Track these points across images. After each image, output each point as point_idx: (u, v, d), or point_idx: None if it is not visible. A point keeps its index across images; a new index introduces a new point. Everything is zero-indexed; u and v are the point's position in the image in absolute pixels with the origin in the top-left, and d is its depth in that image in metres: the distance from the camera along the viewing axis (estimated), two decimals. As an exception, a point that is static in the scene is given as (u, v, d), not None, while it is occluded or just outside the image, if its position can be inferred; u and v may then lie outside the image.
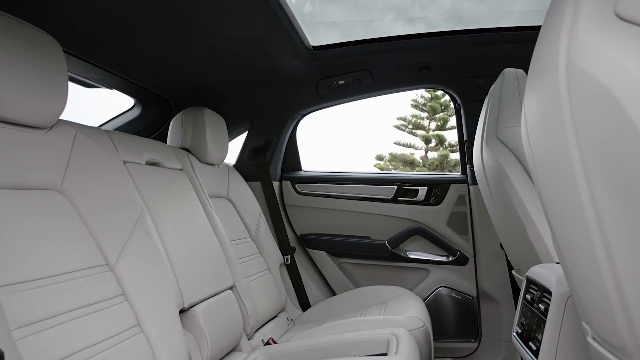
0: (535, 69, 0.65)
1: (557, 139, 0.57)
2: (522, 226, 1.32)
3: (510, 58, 1.99)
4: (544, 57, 0.60)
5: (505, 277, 2.16)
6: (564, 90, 0.53)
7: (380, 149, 28.39)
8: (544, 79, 0.59)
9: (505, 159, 1.36)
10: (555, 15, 0.57)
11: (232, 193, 2.10)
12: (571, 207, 0.58)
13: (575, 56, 0.52)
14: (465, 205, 2.24)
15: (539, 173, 0.67)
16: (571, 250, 0.64)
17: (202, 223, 1.62)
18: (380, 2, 2.06)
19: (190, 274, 1.41)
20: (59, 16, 1.40)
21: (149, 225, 1.30)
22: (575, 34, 0.52)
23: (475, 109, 2.17)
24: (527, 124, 0.69)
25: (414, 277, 2.30)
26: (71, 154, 1.18)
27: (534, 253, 1.32)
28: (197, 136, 1.90)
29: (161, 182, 1.51)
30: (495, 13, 2.03)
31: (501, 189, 1.39)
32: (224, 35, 1.66)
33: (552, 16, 0.59)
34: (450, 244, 2.25)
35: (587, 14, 0.51)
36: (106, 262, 1.15)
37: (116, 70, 1.84)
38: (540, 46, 0.62)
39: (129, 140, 1.46)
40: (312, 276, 2.39)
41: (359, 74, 2.17)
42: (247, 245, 2.01)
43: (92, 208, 1.17)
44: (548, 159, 0.62)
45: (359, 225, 2.35)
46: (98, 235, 1.15)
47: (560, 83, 0.54)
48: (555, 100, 0.56)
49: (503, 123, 1.43)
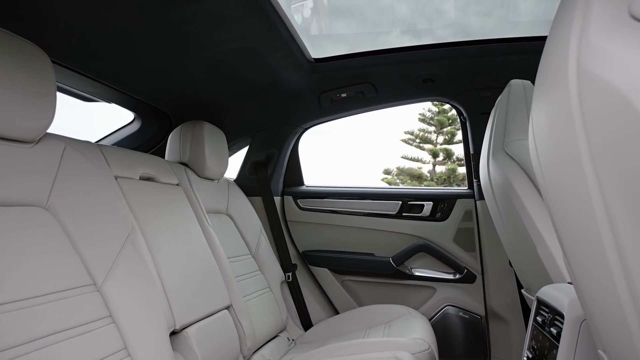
0: (542, 77, 0.60)
1: (567, 150, 0.53)
2: (531, 243, 1.27)
3: (517, 69, 1.94)
4: (552, 64, 0.56)
5: (515, 295, 2.08)
6: (575, 98, 0.49)
7: (388, 162, 28.35)
8: (553, 87, 0.55)
9: (512, 173, 1.31)
10: (564, 19, 0.53)
11: (232, 208, 2.05)
12: (584, 224, 0.54)
13: (586, 61, 0.48)
14: (472, 221, 2.17)
15: (548, 187, 0.63)
16: (584, 271, 0.59)
17: (197, 240, 1.57)
18: (386, 17, 2.04)
19: (183, 293, 1.35)
20: (53, 28, 1.37)
21: (140, 243, 1.25)
22: (586, 38, 0.48)
23: (482, 121, 2.12)
24: (535, 135, 0.65)
25: (419, 296, 2.22)
26: (59, 168, 1.14)
27: (545, 272, 1.27)
28: (195, 150, 1.86)
29: (155, 198, 1.46)
30: (501, 24, 1.99)
31: (509, 204, 1.33)
32: (223, 47, 1.63)
33: (561, 19, 0.55)
34: (457, 261, 2.18)
35: (598, 16, 0.48)
36: (93, 281, 1.09)
37: (113, 84, 1.81)
38: (548, 52, 0.58)
39: (122, 155, 1.41)
40: (315, 294, 2.32)
41: (361, 86, 2.13)
42: (246, 262, 1.95)
43: (80, 225, 1.12)
44: (558, 172, 0.58)
45: (363, 241, 2.28)
46: (85, 254, 1.10)
47: (570, 90, 0.50)
48: (565, 109, 0.51)
49: (510, 136, 1.38)
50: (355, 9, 1.99)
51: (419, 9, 1.98)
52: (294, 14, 1.83)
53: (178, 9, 1.34)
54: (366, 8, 2.00)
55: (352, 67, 2.05)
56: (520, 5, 1.93)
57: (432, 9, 1.98)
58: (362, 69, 2.06)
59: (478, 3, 1.95)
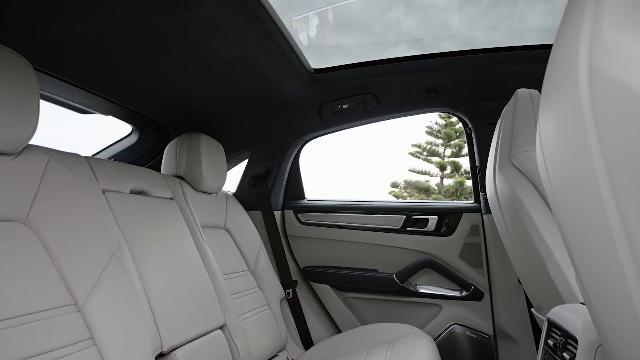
0: (550, 81, 0.55)
1: (579, 160, 0.48)
2: (540, 260, 1.20)
3: (524, 78, 1.88)
4: (560, 65, 0.51)
5: (524, 314, 1.99)
6: (587, 102, 0.45)
7: (395, 176, 28.28)
8: (562, 90, 0.51)
9: (520, 186, 1.25)
10: (573, 16, 0.49)
11: (230, 223, 1.99)
12: (598, 241, 0.49)
13: (598, 60, 0.44)
14: (479, 236, 2.09)
15: (558, 201, 0.58)
16: (599, 292, 0.54)
17: (190, 256, 1.51)
18: (393, 32, 1.99)
19: (172, 313, 1.28)
20: (44, 38, 1.33)
21: (127, 260, 1.19)
22: (599, 35, 0.44)
23: (488, 133, 2.05)
24: (542, 145, 0.60)
25: (424, 314, 2.14)
26: (41, 182, 1.09)
27: (556, 291, 1.20)
28: (191, 163, 1.81)
29: (146, 213, 1.40)
30: (506, 32, 1.93)
31: (516, 218, 1.27)
32: (218, 57, 1.58)
33: (570, 17, 0.50)
34: (464, 278, 2.10)
35: (611, 11, 0.44)
36: (73, 301, 1.03)
37: (108, 95, 1.77)
38: (556, 54, 0.53)
39: (111, 168, 1.36)
40: (316, 312, 2.25)
41: (363, 97, 2.08)
42: (244, 278, 1.89)
43: (62, 241, 1.06)
44: (568, 184, 0.53)
45: (366, 257, 2.21)
46: (66, 272, 1.04)
47: (581, 93, 0.46)
48: (575, 114, 0.47)
49: (517, 147, 1.33)
50: (361, 24, 1.94)
51: (425, 23, 1.93)
52: (295, 28, 1.79)
53: (170, 17, 1.30)
54: (373, 22, 1.96)
55: (353, 78, 2.00)
56: (526, 13, 1.87)
57: (438, 22, 1.93)
58: (364, 80, 2.00)
59: (484, 15, 1.90)
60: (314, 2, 1.81)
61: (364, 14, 1.92)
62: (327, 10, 1.87)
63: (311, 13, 1.87)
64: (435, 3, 1.86)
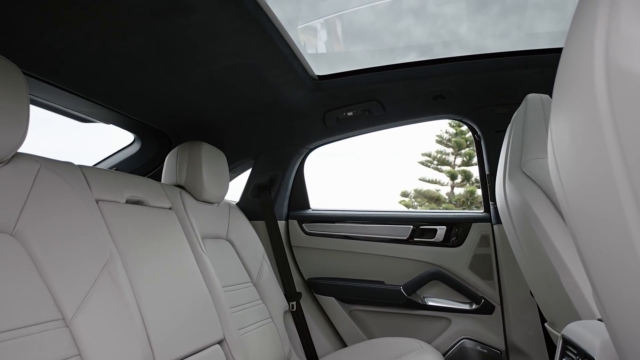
0: (562, 81, 0.51)
1: (595, 165, 0.44)
2: (554, 273, 1.14)
3: (534, 84, 1.82)
4: (573, 63, 0.47)
5: (537, 328, 1.91)
6: (603, 100, 0.41)
7: (405, 185, 28.13)
8: (575, 89, 0.46)
9: (531, 194, 1.20)
10: (587, 9, 0.45)
11: (232, 233, 1.94)
12: (618, 255, 0.45)
13: (616, 54, 0.40)
14: (490, 247, 2.02)
15: (573, 211, 0.53)
16: (619, 309, 0.50)
17: (188, 267, 1.46)
18: (402, 41, 1.95)
19: (166, 328, 1.23)
20: (39, 44, 1.31)
21: (119, 273, 1.15)
22: (616, 26, 0.40)
23: (497, 140, 1.99)
24: (555, 151, 0.55)
25: (433, 327, 2.06)
26: (31, 191, 1.05)
27: (570, 306, 1.14)
28: (192, 172, 1.77)
29: (142, 223, 1.36)
30: (516, 36, 1.87)
31: (528, 229, 1.21)
32: (218, 64, 1.55)
33: (583, 10, 0.46)
34: (474, 290, 2.02)
35: (629, 1, 0.39)
36: (61, 316, 0.99)
37: (108, 103, 1.74)
38: (569, 51, 0.49)
39: (106, 177, 1.32)
40: (320, 325, 2.18)
41: (368, 104, 2.03)
42: (246, 291, 1.83)
43: (50, 253, 1.02)
44: (584, 192, 0.48)
45: (372, 268, 2.15)
46: (54, 285, 1.00)
47: (597, 91, 0.41)
48: (591, 113, 0.43)
49: (528, 154, 1.28)
50: (370, 34, 1.91)
51: (434, 32, 1.89)
52: (302, 40, 1.75)
53: (167, 22, 1.26)
54: (382, 32, 1.93)
55: (357, 84, 1.95)
56: (537, 22, 1.82)
57: (447, 31, 1.89)
58: (369, 86, 1.96)
59: (494, 24, 1.85)
60: (321, 10, 1.78)
61: (372, 24, 1.89)
62: (335, 20, 1.84)
63: (318, 22, 1.83)
64: (444, 12, 1.82)
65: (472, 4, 1.76)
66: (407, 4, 1.81)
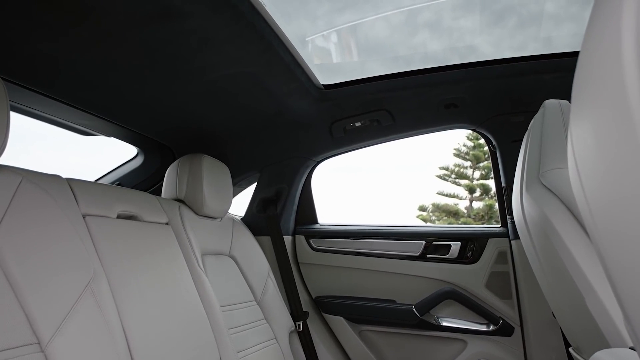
0: (582, 79, 0.45)
1: (626, 172, 0.39)
2: (578, 294, 1.04)
3: (553, 90, 1.71)
4: (596, 58, 0.41)
5: (561, 352, 1.77)
6: (635, 95, 0.35)
7: (423, 199, 27.87)
8: (599, 86, 0.41)
9: (551, 208, 1.10)
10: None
11: (235, 250, 1.86)
12: None
13: None
14: (507, 264, 1.90)
15: (598, 226, 0.47)
16: None
17: (183, 286, 1.38)
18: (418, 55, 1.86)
19: (155, 352, 1.15)
20: (29, 54, 1.26)
21: (103, 292, 1.07)
22: None
23: (514, 150, 1.88)
24: (576, 159, 0.49)
25: (447, 350, 1.94)
26: (10, 205, 0.99)
27: (597, 331, 1.03)
28: (192, 186, 1.70)
29: (134, 239, 1.29)
30: (533, 47, 1.78)
31: (548, 245, 1.11)
32: (218, 72, 1.49)
33: (605, 2, 0.41)
34: (491, 310, 1.90)
35: None
36: (37, 340, 0.92)
37: (106, 115, 1.70)
38: (589, 45, 0.43)
39: (96, 190, 1.26)
40: (328, 346, 2.08)
41: (377, 114, 1.94)
42: (250, 310, 1.75)
43: (28, 272, 0.95)
44: (611, 204, 0.42)
45: (383, 287, 2.04)
46: (31, 307, 0.93)
47: (626, 84, 0.36)
48: (619, 112, 0.37)
49: (547, 165, 1.19)
50: (386, 48, 1.83)
51: (451, 45, 1.80)
52: (310, 49, 1.68)
53: (159, 29, 1.21)
54: (397, 46, 1.85)
55: (365, 93, 1.87)
56: (554, 33, 1.73)
57: (464, 44, 1.81)
58: (377, 95, 1.87)
59: (511, 36, 1.76)
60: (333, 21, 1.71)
61: (389, 39, 1.81)
62: (349, 34, 1.76)
63: (329, 33, 1.76)
64: (460, 25, 1.74)
65: (487, 16, 1.68)
66: (422, 18, 1.74)
